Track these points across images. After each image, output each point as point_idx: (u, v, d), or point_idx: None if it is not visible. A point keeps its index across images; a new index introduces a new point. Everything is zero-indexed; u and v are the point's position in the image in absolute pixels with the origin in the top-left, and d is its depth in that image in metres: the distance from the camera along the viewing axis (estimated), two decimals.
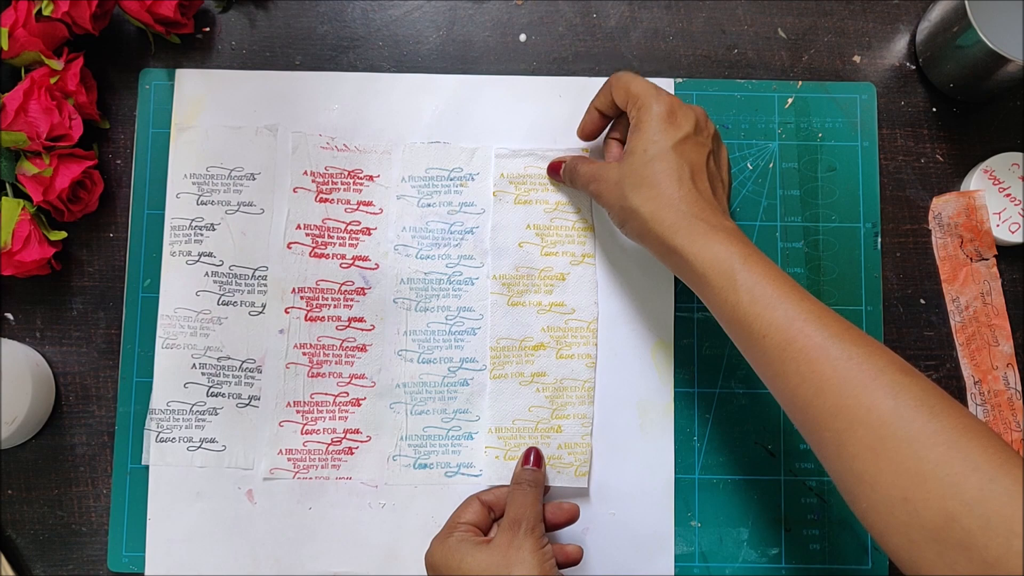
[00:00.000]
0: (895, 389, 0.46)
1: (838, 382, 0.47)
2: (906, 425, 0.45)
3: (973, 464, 0.42)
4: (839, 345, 0.48)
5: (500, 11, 0.71)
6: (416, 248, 0.68)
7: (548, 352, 0.67)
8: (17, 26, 0.63)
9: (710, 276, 0.53)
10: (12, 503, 0.67)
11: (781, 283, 0.51)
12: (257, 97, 0.69)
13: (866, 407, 0.46)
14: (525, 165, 0.68)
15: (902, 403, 0.45)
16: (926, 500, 0.43)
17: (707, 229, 0.54)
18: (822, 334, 0.49)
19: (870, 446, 0.45)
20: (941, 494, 0.42)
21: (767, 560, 0.66)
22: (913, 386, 0.46)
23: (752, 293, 0.51)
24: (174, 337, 0.67)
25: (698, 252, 0.53)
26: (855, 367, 0.47)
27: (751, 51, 0.71)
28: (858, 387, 0.47)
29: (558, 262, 0.68)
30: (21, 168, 0.64)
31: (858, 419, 0.46)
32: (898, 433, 0.44)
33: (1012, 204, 0.68)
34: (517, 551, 0.56)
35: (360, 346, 0.67)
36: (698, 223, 0.54)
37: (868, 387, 0.46)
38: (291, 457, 0.66)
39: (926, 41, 0.69)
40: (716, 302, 0.53)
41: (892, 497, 0.44)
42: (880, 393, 0.46)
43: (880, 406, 0.45)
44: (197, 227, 0.68)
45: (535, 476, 0.62)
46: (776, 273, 0.52)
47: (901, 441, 0.44)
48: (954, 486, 0.42)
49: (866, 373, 0.47)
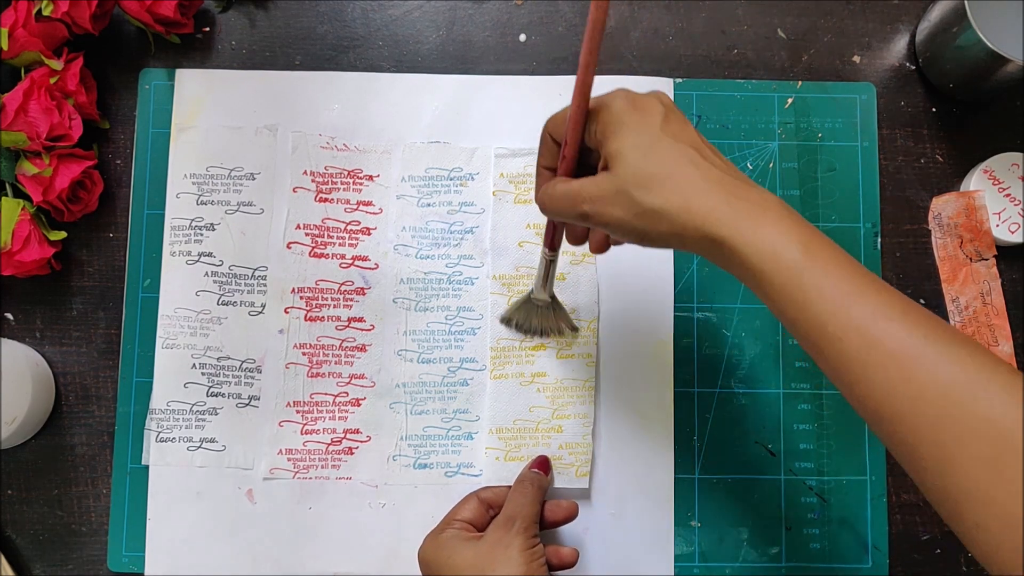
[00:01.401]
0: (1009, 395, 0.40)
1: (941, 390, 0.41)
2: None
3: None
4: (935, 346, 0.42)
5: (500, 11, 0.71)
6: (416, 248, 0.68)
7: (548, 352, 0.67)
8: (17, 26, 0.63)
9: (768, 271, 0.45)
10: (12, 503, 0.67)
11: (854, 273, 0.44)
12: (257, 97, 0.69)
13: (980, 417, 0.40)
14: (525, 165, 0.68)
15: (1018, 411, 0.39)
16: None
17: (752, 210, 0.46)
18: (913, 334, 0.42)
19: (986, 460, 0.40)
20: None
21: (767, 559, 0.66)
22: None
23: (821, 289, 0.44)
24: (174, 337, 0.67)
25: (749, 242, 0.45)
26: (960, 371, 0.41)
27: (751, 51, 0.71)
28: (967, 394, 0.40)
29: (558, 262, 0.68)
30: (21, 168, 0.64)
31: (970, 430, 0.40)
32: (1018, 444, 0.39)
33: (1012, 204, 0.68)
34: (505, 548, 0.55)
35: (360, 346, 0.67)
36: (739, 203, 0.46)
37: (979, 394, 0.40)
38: (291, 457, 0.66)
39: (926, 41, 0.69)
40: (778, 300, 0.45)
41: (1009, 515, 0.39)
42: (993, 400, 0.40)
43: (997, 415, 0.40)
44: (197, 227, 0.68)
45: (539, 478, 0.62)
46: (846, 261, 0.45)
47: (1021, 452, 0.39)
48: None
49: (974, 378, 0.41)
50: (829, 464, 0.67)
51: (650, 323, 0.68)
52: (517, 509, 0.58)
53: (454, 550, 0.56)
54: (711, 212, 0.46)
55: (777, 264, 0.45)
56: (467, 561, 0.55)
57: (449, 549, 0.56)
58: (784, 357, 0.68)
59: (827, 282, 0.44)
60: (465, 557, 0.55)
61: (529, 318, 0.65)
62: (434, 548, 0.57)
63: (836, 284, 0.44)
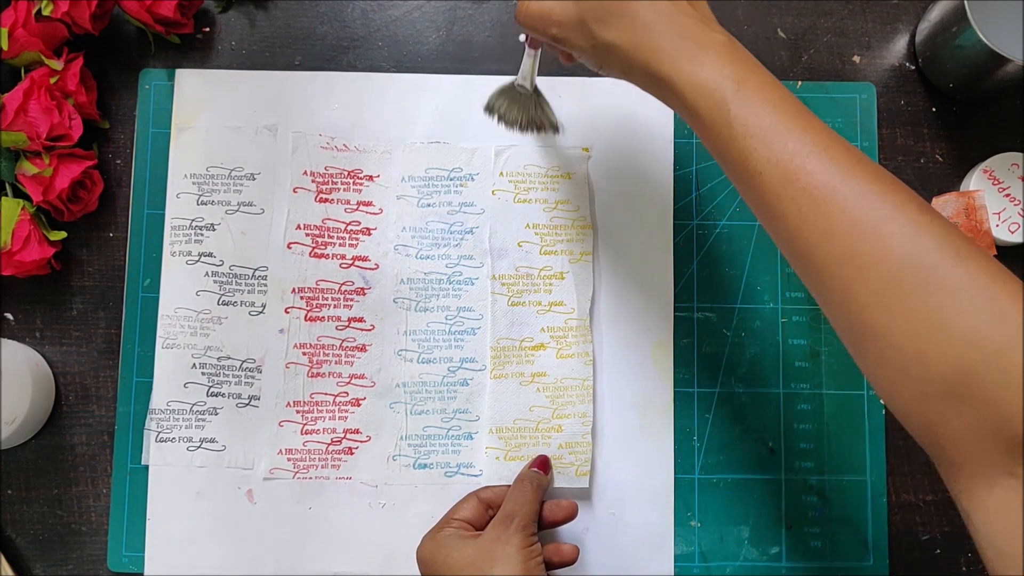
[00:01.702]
0: (914, 230, 0.40)
1: (848, 224, 0.41)
2: (925, 271, 0.39)
3: (1000, 314, 0.38)
4: (849, 182, 0.42)
5: (500, 11, 0.71)
6: (416, 248, 0.68)
7: (548, 352, 0.67)
8: (17, 26, 0.63)
9: (700, 106, 0.45)
10: (12, 503, 0.67)
11: (782, 110, 0.44)
12: (257, 97, 0.69)
13: (880, 251, 0.40)
14: (525, 164, 0.68)
15: (921, 246, 0.40)
16: (943, 353, 0.38)
17: (695, 49, 0.46)
18: (829, 170, 0.42)
19: (883, 294, 0.40)
20: (961, 346, 0.38)
21: (768, 559, 0.66)
22: (934, 225, 0.40)
23: (746, 125, 0.44)
24: (174, 337, 0.67)
25: (686, 78, 0.45)
26: (867, 206, 0.41)
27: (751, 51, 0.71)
28: (870, 230, 0.41)
29: (557, 261, 0.68)
30: (21, 168, 0.64)
31: (870, 265, 0.40)
32: (916, 279, 0.39)
33: (1012, 204, 0.68)
34: (504, 546, 0.55)
35: (360, 346, 0.67)
36: (684, 42, 0.46)
37: (882, 229, 0.40)
38: (291, 457, 0.66)
39: (926, 41, 0.69)
40: (708, 136, 0.46)
41: (905, 350, 0.39)
42: (897, 235, 0.40)
43: (896, 249, 0.40)
44: (197, 227, 0.68)
45: (539, 477, 0.62)
46: (776, 97, 0.45)
47: (919, 288, 0.39)
48: (976, 338, 0.38)
49: (880, 212, 0.41)
50: (829, 463, 0.67)
51: (650, 323, 0.68)
52: (516, 507, 0.58)
53: (452, 549, 0.56)
54: (656, 50, 0.46)
55: (708, 100, 0.45)
56: (465, 559, 0.55)
57: (448, 548, 0.56)
58: (784, 357, 0.68)
59: (753, 118, 0.44)
60: (463, 555, 0.55)
61: (512, 108, 0.63)
62: (432, 547, 0.57)
63: (762, 119, 0.44)
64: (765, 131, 0.44)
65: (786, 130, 0.44)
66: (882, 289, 0.40)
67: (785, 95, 0.45)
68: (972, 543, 0.66)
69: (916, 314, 0.39)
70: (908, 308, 0.39)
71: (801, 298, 0.68)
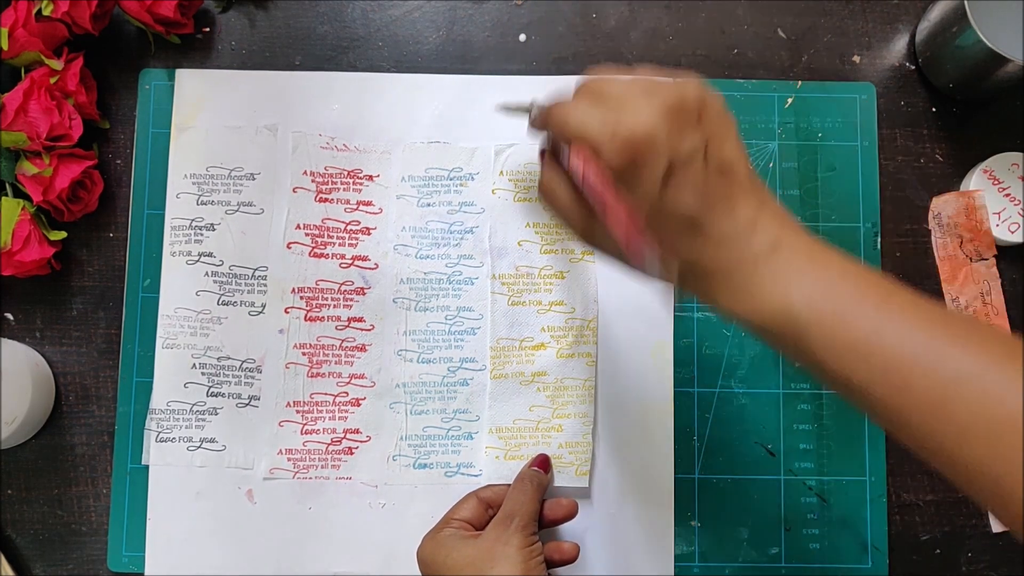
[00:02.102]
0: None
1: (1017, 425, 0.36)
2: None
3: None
4: (998, 376, 0.37)
5: (500, 11, 0.71)
6: (416, 248, 0.68)
7: (548, 352, 0.67)
8: (17, 26, 0.63)
9: (774, 332, 0.42)
10: (12, 503, 0.67)
11: (867, 317, 0.40)
12: (257, 97, 0.69)
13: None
14: (525, 163, 0.68)
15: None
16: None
17: (744, 269, 0.42)
18: (967, 367, 0.38)
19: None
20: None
21: (767, 560, 0.66)
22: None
23: (833, 348, 0.40)
24: (174, 337, 0.67)
25: (746, 310, 0.42)
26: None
27: (751, 51, 0.71)
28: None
29: (558, 260, 0.68)
30: (21, 168, 0.64)
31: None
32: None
33: (1012, 204, 0.68)
34: (504, 546, 0.55)
35: (360, 346, 0.67)
36: (738, 268, 0.42)
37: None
38: (291, 457, 0.66)
39: (926, 41, 0.69)
40: (795, 358, 0.43)
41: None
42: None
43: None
44: (197, 227, 0.68)
45: (539, 476, 0.62)
46: (857, 299, 0.41)
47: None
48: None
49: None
50: (829, 464, 0.67)
51: (650, 323, 0.68)
52: (516, 507, 0.58)
53: (453, 548, 0.56)
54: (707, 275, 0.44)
55: (779, 329, 0.42)
56: (465, 559, 0.55)
57: (448, 548, 0.56)
58: (784, 357, 0.68)
59: (838, 336, 0.41)
60: (464, 555, 0.55)
61: None
62: (432, 547, 0.57)
63: (847, 336, 0.41)
64: (858, 346, 0.40)
65: (882, 339, 0.40)
66: None
67: (869, 284, 0.42)
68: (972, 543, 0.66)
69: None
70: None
71: None
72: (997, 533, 0.67)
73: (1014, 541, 0.67)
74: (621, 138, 0.41)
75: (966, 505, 0.67)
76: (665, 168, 0.41)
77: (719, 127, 0.43)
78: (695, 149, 0.42)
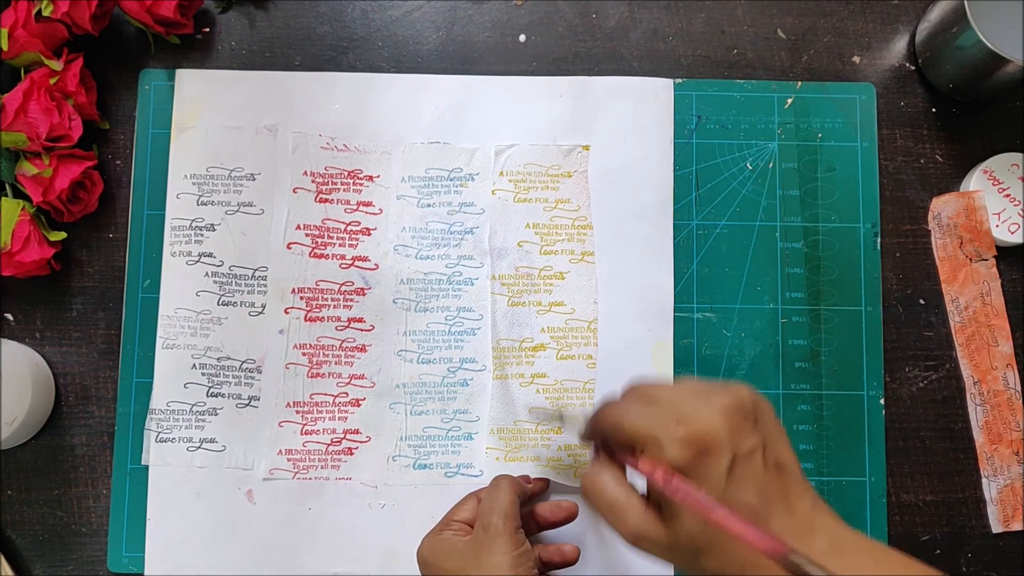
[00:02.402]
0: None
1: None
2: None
3: None
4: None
5: (500, 11, 0.71)
6: (416, 248, 0.68)
7: (548, 353, 0.67)
8: (17, 26, 0.63)
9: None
10: (12, 503, 0.67)
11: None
12: (257, 97, 0.69)
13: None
14: (525, 163, 0.68)
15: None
16: None
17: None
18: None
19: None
20: None
21: None
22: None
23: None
24: (174, 337, 0.67)
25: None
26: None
27: (751, 51, 0.71)
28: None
29: (558, 260, 0.68)
30: (21, 168, 0.64)
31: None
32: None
33: (1012, 204, 0.68)
34: (488, 552, 0.54)
35: (360, 346, 0.67)
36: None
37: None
38: (291, 457, 0.66)
39: (925, 41, 0.69)
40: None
41: None
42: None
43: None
44: (197, 227, 0.68)
45: (509, 477, 0.60)
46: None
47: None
48: None
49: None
50: (829, 465, 0.67)
51: (651, 324, 0.68)
52: (490, 508, 0.56)
53: (451, 550, 0.56)
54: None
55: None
56: (457, 563, 0.55)
57: (446, 549, 0.56)
58: (784, 357, 0.68)
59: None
60: (461, 557, 0.55)
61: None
62: (431, 547, 0.57)
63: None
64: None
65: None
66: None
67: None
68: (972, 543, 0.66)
69: None
70: None
71: (801, 298, 0.68)
72: (997, 533, 0.67)
73: (1014, 541, 0.67)
74: (686, 435, 0.43)
75: (966, 505, 0.67)
76: (729, 462, 0.42)
77: (774, 429, 0.45)
78: (755, 447, 0.43)
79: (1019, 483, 0.67)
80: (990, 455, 0.67)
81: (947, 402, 0.68)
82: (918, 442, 0.68)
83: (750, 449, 0.43)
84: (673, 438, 0.43)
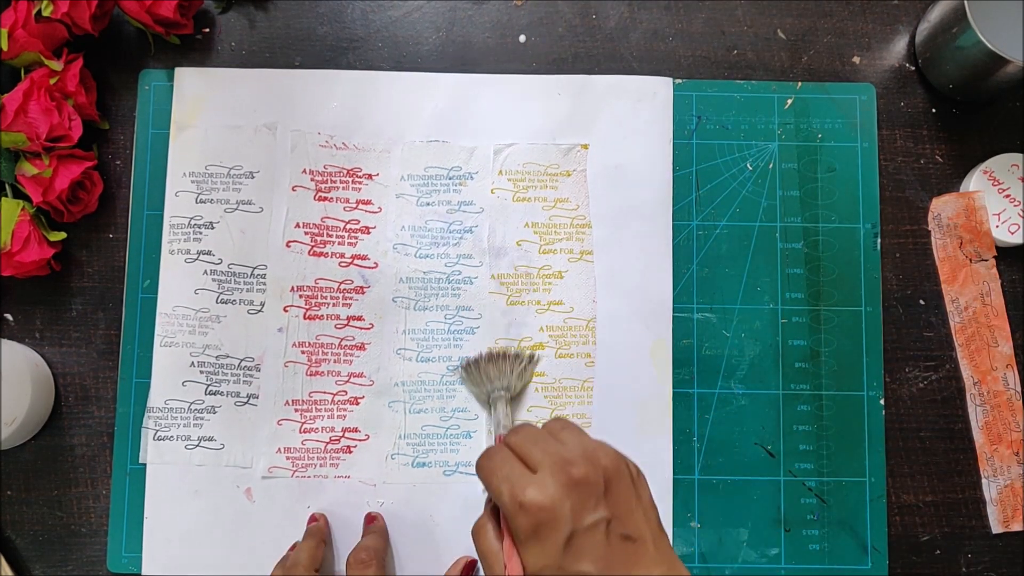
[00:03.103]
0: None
1: None
2: None
3: None
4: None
5: (500, 12, 0.71)
6: (415, 247, 0.68)
7: (547, 352, 0.67)
8: (17, 27, 0.63)
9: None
10: (12, 503, 0.67)
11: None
12: (256, 96, 0.69)
13: None
14: (524, 162, 0.68)
15: None
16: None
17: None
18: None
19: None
20: None
21: (766, 561, 0.66)
22: None
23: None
24: (172, 335, 0.67)
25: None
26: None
27: (751, 52, 0.71)
28: None
29: (556, 259, 0.68)
30: (21, 169, 0.64)
31: None
32: None
33: (1012, 205, 0.68)
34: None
35: (359, 345, 0.67)
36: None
37: None
38: (289, 455, 0.66)
39: (925, 42, 0.69)
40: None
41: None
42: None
43: None
44: (196, 225, 0.68)
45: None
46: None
47: None
48: None
49: None
50: (828, 465, 0.67)
51: (650, 323, 0.68)
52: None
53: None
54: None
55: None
56: None
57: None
58: (784, 358, 0.68)
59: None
60: None
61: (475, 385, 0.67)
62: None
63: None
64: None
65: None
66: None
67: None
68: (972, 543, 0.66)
69: None
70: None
71: (801, 299, 0.68)
72: (997, 534, 0.67)
73: (1014, 542, 0.67)
74: (528, 507, 0.45)
75: (966, 506, 0.67)
76: (567, 536, 0.45)
77: (629, 500, 0.48)
78: (598, 521, 0.46)
79: (1019, 483, 0.67)
80: (990, 455, 0.67)
81: (947, 402, 0.68)
82: (918, 442, 0.68)
83: (592, 523, 0.45)
84: (518, 508, 0.46)
